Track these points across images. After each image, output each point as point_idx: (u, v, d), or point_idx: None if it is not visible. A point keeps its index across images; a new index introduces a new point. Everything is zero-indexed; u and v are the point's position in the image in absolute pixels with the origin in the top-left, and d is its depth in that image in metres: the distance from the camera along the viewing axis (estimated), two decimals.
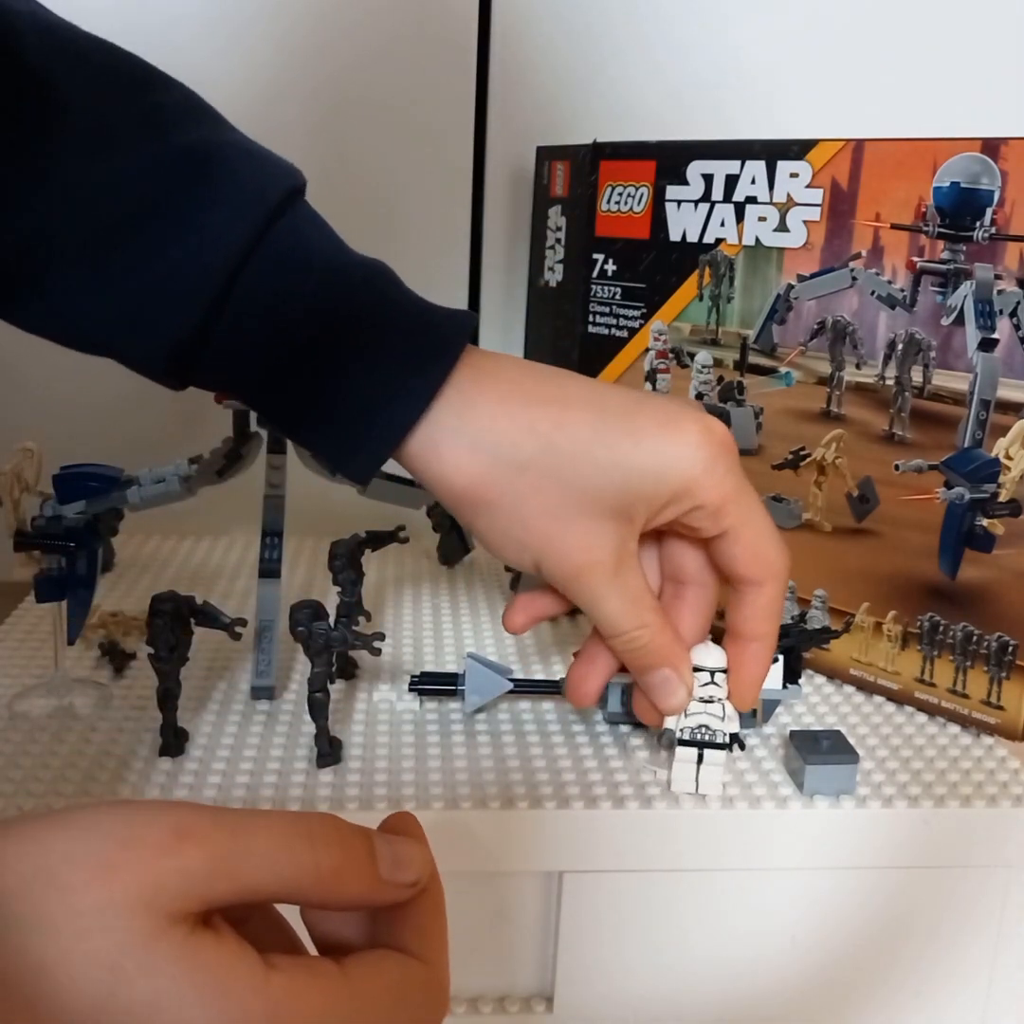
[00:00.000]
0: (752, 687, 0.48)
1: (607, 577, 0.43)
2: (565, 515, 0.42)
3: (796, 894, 0.52)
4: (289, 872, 0.27)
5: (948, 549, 0.57)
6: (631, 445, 0.42)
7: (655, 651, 0.46)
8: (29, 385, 0.82)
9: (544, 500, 0.42)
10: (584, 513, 0.42)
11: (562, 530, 0.43)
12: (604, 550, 0.43)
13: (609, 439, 0.42)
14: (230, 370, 0.43)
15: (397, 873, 0.29)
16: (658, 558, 0.48)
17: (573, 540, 0.43)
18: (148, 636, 0.52)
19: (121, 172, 0.40)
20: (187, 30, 0.79)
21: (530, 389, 0.43)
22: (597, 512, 0.42)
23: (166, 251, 0.41)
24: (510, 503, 0.42)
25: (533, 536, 0.43)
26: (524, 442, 0.42)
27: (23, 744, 0.53)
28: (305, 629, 0.51)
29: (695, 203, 0.64)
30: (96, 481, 0.58)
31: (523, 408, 0.42)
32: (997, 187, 0.53)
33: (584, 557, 0.43)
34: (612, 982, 0.52)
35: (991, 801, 0.51)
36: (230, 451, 0.64)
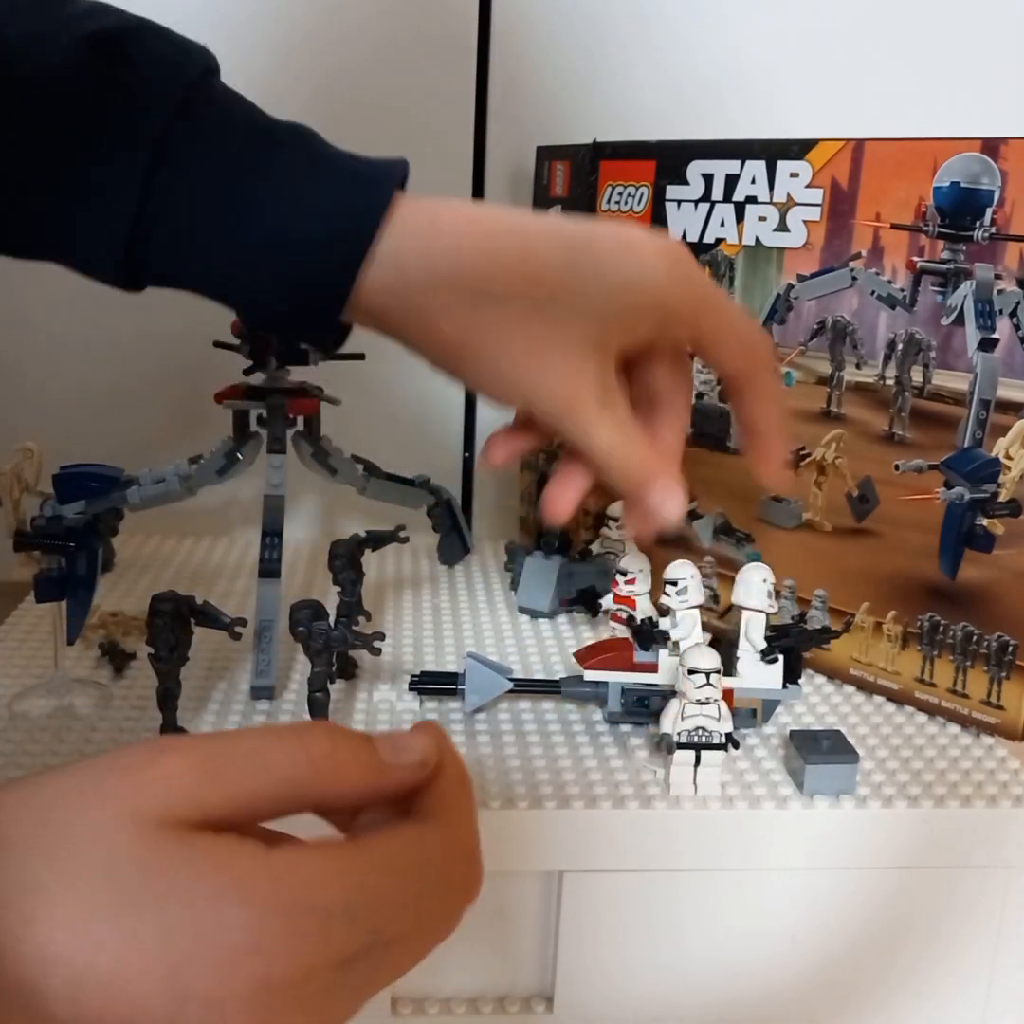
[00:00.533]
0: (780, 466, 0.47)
1: (597, 406, 0.43)
2: (550, 349, 0.42)
3: (796, 894, 0.52)
4: (279, 766, 0.27)
5: (948, 549, 0.57)
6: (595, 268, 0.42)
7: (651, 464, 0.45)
8: (29, 385, 0.82)
9: (528, 335, 0.42)
10: (567, 345, 0.42)
11: (550, 365, 0.42)
12: (591, 380, 0.43)
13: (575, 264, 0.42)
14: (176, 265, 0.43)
15: (399, 755, 0.29)
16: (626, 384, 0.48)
17: (562, 373, 0.42)
18: (148, 636, 0.52)
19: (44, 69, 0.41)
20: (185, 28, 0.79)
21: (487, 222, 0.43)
22: (577, 341, 0.42)
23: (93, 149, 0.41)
24: (495, 341, 0.42)
25: (522, 373, 0.42)
26: (497, 277, 0.42)
27: (23, 744, 0.53)
28: (305, 629, 0.52)
29: (695, 203, 0.64)
30: (96, 481, 0.58)
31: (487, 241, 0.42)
32: (997, 187, 0.53)
33: (574, 389, 0.43)
34: (612, 982, 0.52)
35: (991, 801, 0.51)
36: (230, 451, 0.64)
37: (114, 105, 0.41)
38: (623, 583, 0.59)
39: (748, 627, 0.54)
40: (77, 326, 0.81)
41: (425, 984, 0.53)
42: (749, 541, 0.65)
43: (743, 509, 0.65)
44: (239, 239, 0.42)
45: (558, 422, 0.44)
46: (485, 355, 0.42)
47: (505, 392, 0.43)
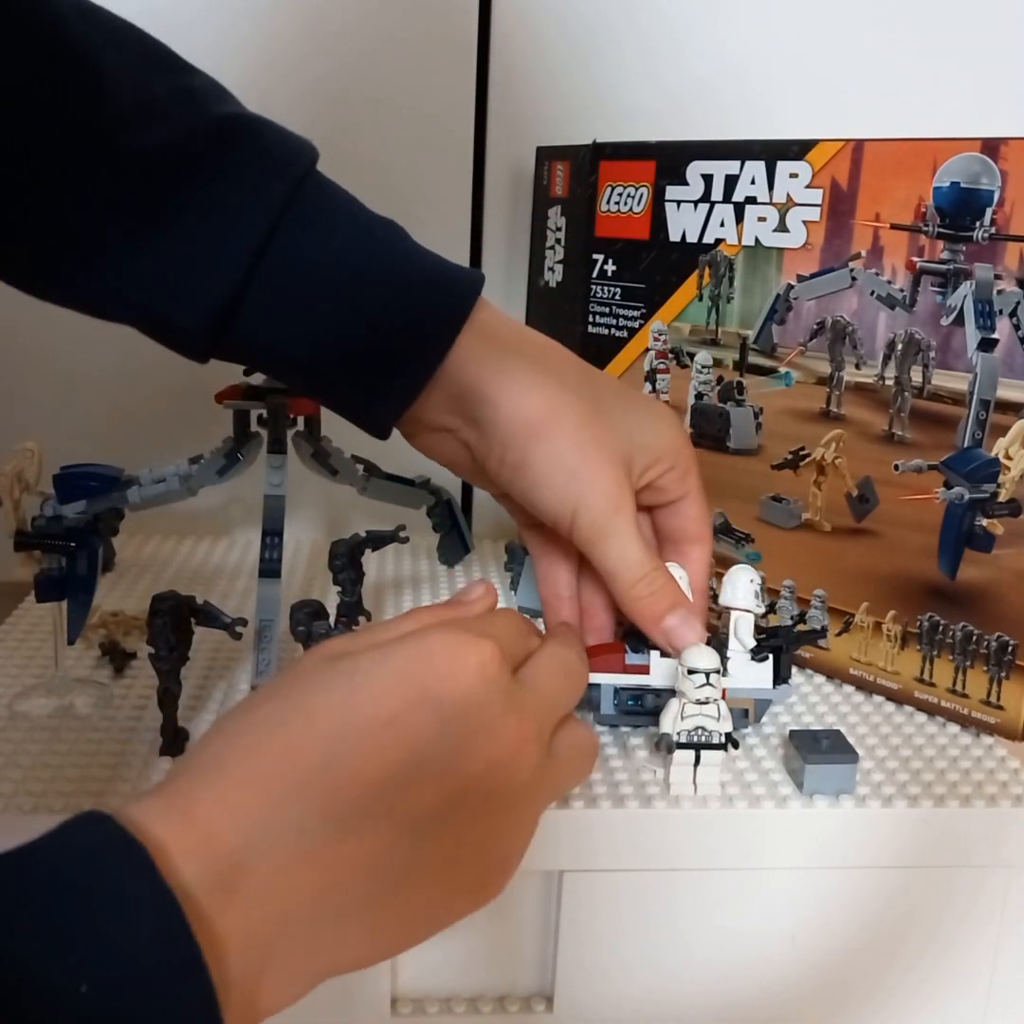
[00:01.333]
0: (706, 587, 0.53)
1: (633, 519, 0.47)
2: (606, 448, 0.46)
3: (796, 894, 0.52)
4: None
5: (948, 549, 0.57)
6: (630, 403, 0.49)
7: (672, 591, 0.49)
8: (29, 385, 0.82)
9: (594, 431, 0.46)
10: (615, 450, 0.47)
11: (606, 465, 0.46)
12: (628, 492, 0.47)
13: (617, 393, 0.50)
14: (261, 332, 0.45)
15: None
16: None
17: (612, 476, 0.46)
18: (148, 636, 0.52)
19: (164, 140, 0.43)
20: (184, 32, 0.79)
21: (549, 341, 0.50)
22: (619, 452, 0.47)
23: (210, 212, 0.43)
24: (571, 427, 0.46)
25: (582, 464, 0.46)
26: (571, 375, 0.47)
27: (23, 744, 0.53)
28: (305, 629, 0.52)
29: (695, 203, 0.64)
30: (96, 481, 0.58)
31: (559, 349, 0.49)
32: (997, 187, 0.53)
33: (620, 496, 0.46)
34: (612, 982, 0.52)
35: (991, 801, 0.51)
36: (230, 451, 0.64)
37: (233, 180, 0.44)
38: None
39: (737, 627, 0.54)
40: (77, 327, 0.81)
41: (425, 984, 0.53)
42: (749, 541, 0.65)
43: (743, 509, 0.65)
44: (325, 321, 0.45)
45: (600, 530, 0.47)
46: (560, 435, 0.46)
47: (562, 484, 0.46)
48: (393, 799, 0.32)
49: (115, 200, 0.43)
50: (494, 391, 0.46)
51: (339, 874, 0.32)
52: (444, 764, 0.33)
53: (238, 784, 0.31)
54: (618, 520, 0.47)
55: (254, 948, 0.30)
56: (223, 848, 0.30)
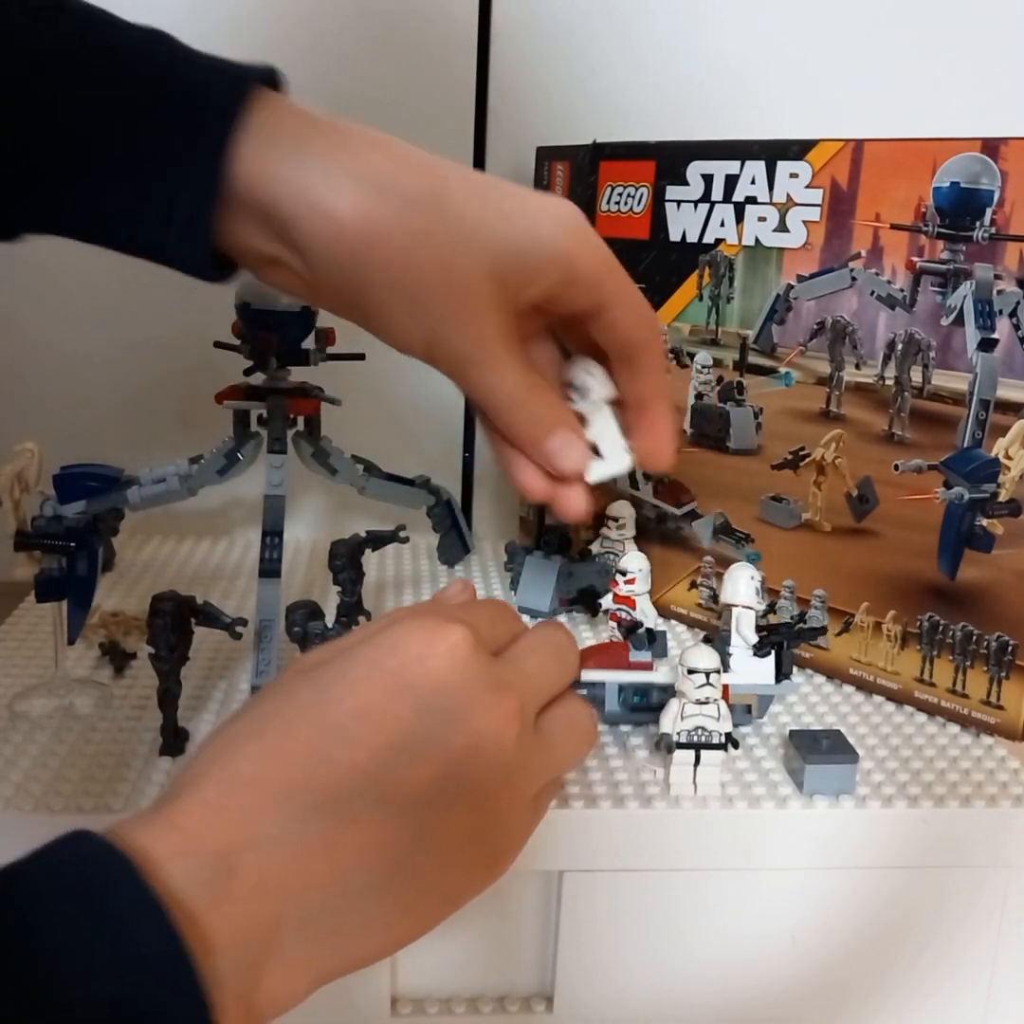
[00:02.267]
0: (670, 441, 0.45)
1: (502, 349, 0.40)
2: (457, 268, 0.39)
3: (796, 894, 0.52)
4: None
5: (948, 549, 0.57)
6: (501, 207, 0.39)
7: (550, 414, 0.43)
8: (29, 385, 0.82)
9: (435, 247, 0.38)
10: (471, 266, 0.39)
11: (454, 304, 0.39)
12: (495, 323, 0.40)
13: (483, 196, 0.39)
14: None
15: None
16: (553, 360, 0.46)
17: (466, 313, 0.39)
18: (148, 636, 0.52)
19: None
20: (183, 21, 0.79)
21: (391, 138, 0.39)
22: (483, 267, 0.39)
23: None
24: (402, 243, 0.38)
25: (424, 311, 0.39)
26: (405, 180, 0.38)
27: (23, 744, 0.53)
28: (301, 630, 0.52)
29: (695, 203, 0.64)
30: (96, 481, 0.58)
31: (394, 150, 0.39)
32: (997, 187, 0.53)
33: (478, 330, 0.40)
34: (612, 982, 0.52)
35: (991, 801, 0.51)
36: (230, 451, 0.64)
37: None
38: (623, 583, 0.59)
39: (739, 623, 0.54)
40: (77, 326, 0.81)
41: (425, 984, 0.53)
42: (749, 541, 0.65)
43: (743, 509, 0.65)
44: None
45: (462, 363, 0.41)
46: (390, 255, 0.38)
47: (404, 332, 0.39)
48: (385, 782, 0.33)
49: None
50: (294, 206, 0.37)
51: (343, 862, 0.32)
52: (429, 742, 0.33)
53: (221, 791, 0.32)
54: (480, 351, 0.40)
55: (252, 944, 0.30)
56: (208, 848, 0.30)
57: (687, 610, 0.70)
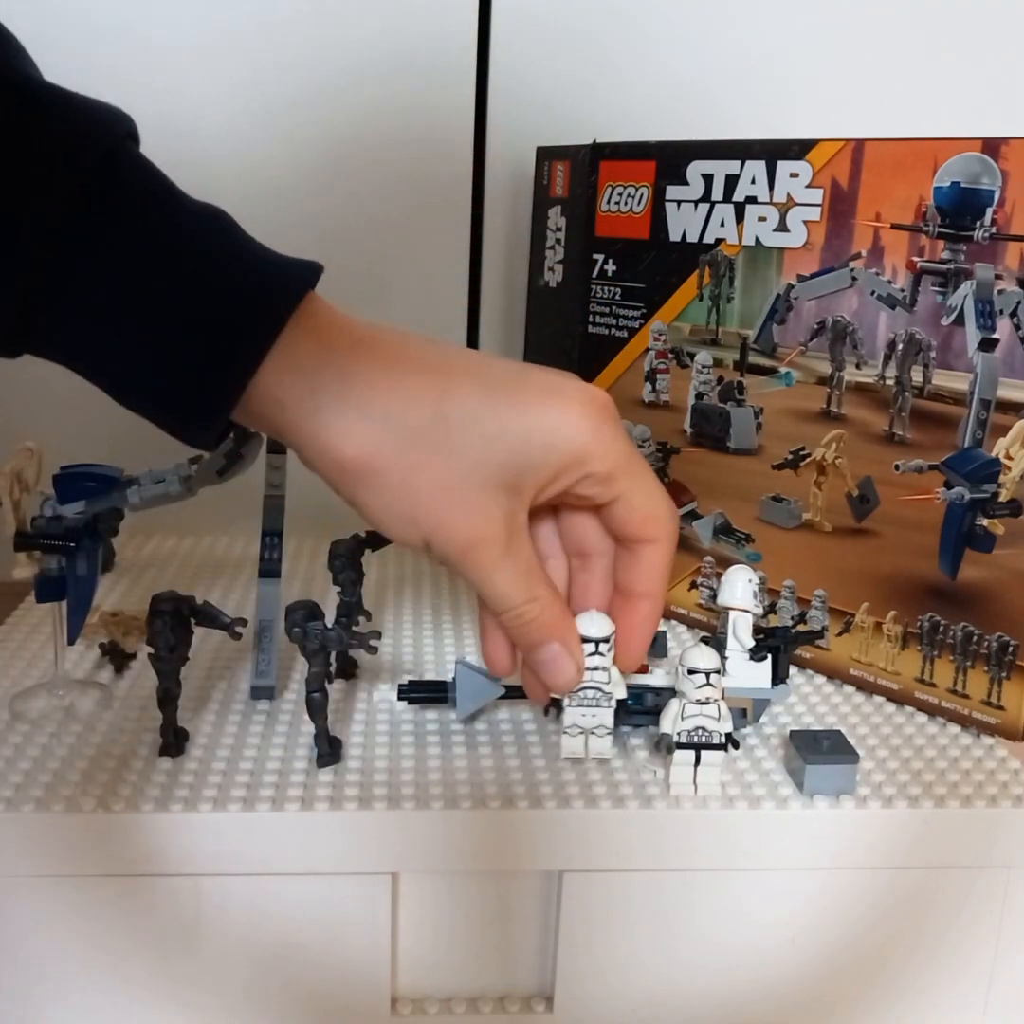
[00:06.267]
0: (643, 646, 0.48)
1: (498, 551, 0.42)
2: (455, 489, 0.41)
3: (796, 894, 0.52)
4: None
5: (948, 549, 0.57)
6: (517, 414, 0.41)
7: (545, 624, 0.45)
8: (29, 385, 0.82)
9: (434, 473, 0.41)
10: (474, 486, 0.41)
11: (452, 505, 0.41)
12: (494, 524, 0.42)
13: (496, 408, 0.41)
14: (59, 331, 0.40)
15: None
16: (558, 533, 0.48)
17: (464, 515, 0.41)
18: (148, 636, 0.52)
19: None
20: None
21: (413, 356, 0.42)
22: (487, 485, 0.41)
23: None
24: (400, 475, 0.41)
25: (423, 511, 0.41)
26: (412, 410, 0.40)
27: (23, 745, 0.53)
28: (300, 630, 0.51)
29: (695, 203, 0.64)
30: (96, 481, 0.57)
31: (408, 375, 0.41)
32: (997, 187, 0.53)
33: (475, 532, 0.42)
34: (612, 982, 0.52)
35: (991, 801, 0.51)
36: (230, 451, 0.64)
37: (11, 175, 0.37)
38: None
39: (735, 627, 0.54)
40: None
41: (425, 984, 0.53)
42: (749, 541, 0.65)
43: (743, 509, 0.65)
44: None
45: (457, 563, 0.43)
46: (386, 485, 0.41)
47: (404, 528, 0.42)
48: None
49: None
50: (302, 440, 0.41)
51: None
52: None
53: None
54: (477, 556, 0.42)
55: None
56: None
57: (687, 610, 0.70)
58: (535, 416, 0.41)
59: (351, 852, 0.49)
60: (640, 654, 0.48)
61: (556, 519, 0.48)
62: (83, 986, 0.50)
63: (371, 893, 0.50)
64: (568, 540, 0.48)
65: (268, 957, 0.50)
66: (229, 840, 0.48)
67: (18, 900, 0.49)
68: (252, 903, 0.49)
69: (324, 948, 0.50)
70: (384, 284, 0.84)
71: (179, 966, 0.50)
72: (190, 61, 0.79)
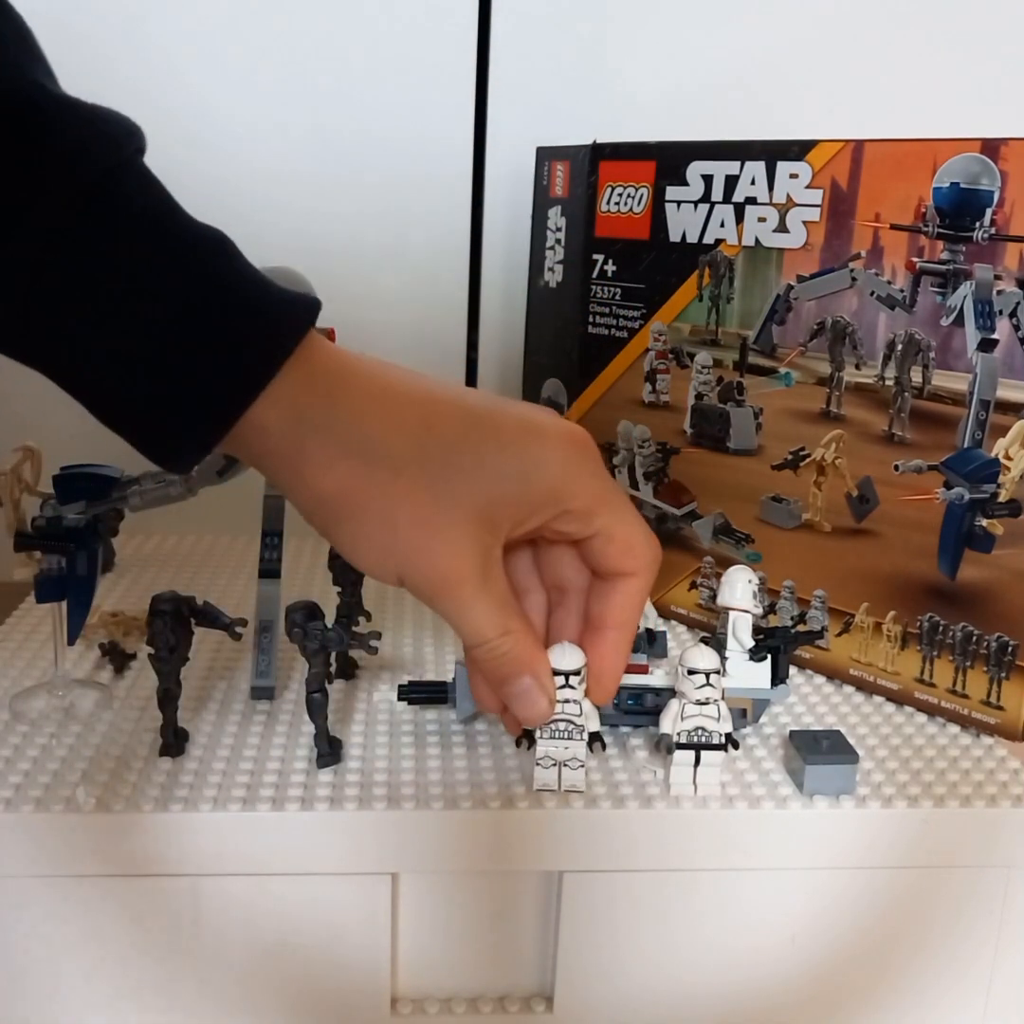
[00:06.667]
0: (615, 677, 0.47)
1: (473, 587, 0.42)
2: (432, 524, 0.41)
3: (796, 894, 0.52)
4: None
5: (948, 549, 0.57)
6: (496, 450, 0.41)
7: (517, 658, 0.44)
8: (29, 385, 0.82)
9: (414, 508, 0.40)
10: (452, 522, 0.41)
11: (429, 540, 0.41)
12: (470, 560, 0.41)
13: (475, 442, 0.41)
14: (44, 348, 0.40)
15: None
16: (536, 566, 0.48)
17: (440, 551, 0.41)
18: (148, 636, 0.52)
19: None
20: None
21: (400, 390, 0.42)
22: (464, 520, 0.41)
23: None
24: (379, 510, 0.40)
25: (400, 545, 0.41)
26: (395, 443, 0.40)
27: (23, 745, 0.53)
28: (300, 630, 0.51)
29: (695, 204, 0.64)
30: (96, 481, 0.57)
31: (394, 408, 0.41)
32: (997, 187, 0.53)
33: (450, 569, 0.41)
34: (612, 982, 0.52)
35: (991, 801, 0.51)
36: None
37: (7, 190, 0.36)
38: None
39: (735, 627, 0.54)
40: None
41: (425, 984, 0.53)
42: (749, 541, 0.65)
43: (743, 509, 0.65)
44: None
45: (431, 599, 0.42)
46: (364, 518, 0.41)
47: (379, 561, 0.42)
48: None
49: None
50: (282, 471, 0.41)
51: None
52: None
53: None
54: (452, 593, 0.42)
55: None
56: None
57: (687, 610, 0.70)
58: (513, 452, 0.41)
59: (351, 852, 0.49)
60: (612, 687, 0.48)
61: (535, 552, 0.47)
62: (83, 986, 0.50)
63: (371, 893, 0.50)
64: (546, 573, 0.48)
65: (268, 957, 0.50)
66: (229, 840, 0.48)
67: (18, 900, 0.49)
68: (252, 903, 0.50)
69: (324, 948, 0.50)
70: (384, 284, 0.84)
71: (179, 966, 0.50)
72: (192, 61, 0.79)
